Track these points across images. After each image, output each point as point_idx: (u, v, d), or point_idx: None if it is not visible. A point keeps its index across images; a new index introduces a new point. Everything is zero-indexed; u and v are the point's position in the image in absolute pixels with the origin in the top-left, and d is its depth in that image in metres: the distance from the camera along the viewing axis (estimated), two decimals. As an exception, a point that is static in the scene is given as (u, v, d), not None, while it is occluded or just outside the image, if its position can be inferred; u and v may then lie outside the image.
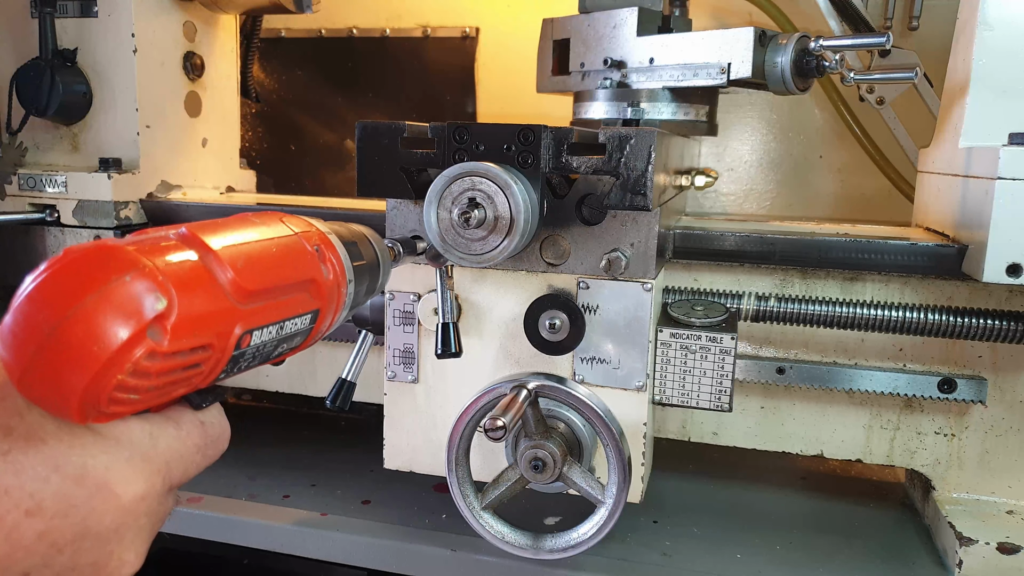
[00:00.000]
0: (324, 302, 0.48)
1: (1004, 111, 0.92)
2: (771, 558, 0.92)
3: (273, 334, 0.44)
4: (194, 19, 1.26)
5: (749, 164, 1.53)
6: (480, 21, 1.61)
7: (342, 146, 1.73)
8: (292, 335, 0.46)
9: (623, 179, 0.74)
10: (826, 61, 1.01)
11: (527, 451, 0.79)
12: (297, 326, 0.46)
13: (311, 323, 0.48)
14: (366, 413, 1.30)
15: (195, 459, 0.44)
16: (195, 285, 0.38)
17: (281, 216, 0.49)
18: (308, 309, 0.47)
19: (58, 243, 1.15)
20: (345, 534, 0.95)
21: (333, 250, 0.50)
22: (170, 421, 0.42)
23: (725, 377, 0.84)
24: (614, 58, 1.11)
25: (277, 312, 0.44)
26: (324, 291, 0.48)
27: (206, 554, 1.25)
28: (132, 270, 0.35)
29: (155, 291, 0.35)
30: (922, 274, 0.92)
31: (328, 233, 0.51)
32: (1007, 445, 0.95)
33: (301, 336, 0.47)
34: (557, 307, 0.81)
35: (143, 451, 0.39)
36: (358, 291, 0.54)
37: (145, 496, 0.39)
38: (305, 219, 0.51)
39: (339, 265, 0.50)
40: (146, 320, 0.35)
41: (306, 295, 0.46)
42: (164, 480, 0.40)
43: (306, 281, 0.47)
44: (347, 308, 0.53)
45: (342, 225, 0.57)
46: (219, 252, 0.40)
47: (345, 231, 0.55)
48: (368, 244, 0.58)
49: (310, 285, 0.47)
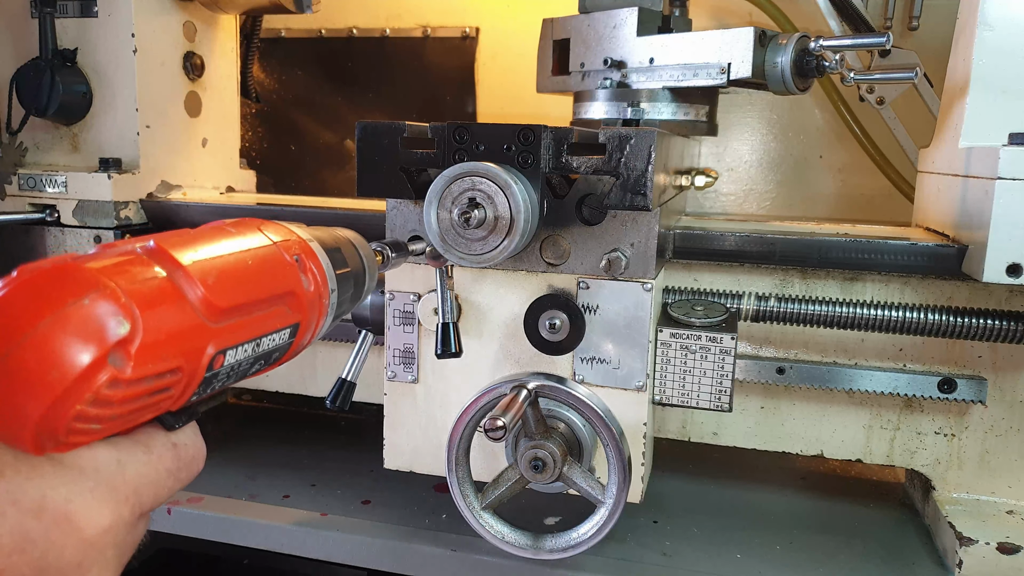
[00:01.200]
0: (305, 314, 0.46)
1: (1004, 111, 0.92)
2: (771, 558, 0.92)
3: (249, 352, 0.41)
4: (194, 19, 1.26)
5: (749, 164, 1.53)
6: (480, 21, 1.61)
7: (342, 146, 1.73)
8: (270, 351, 0.44)
9: (623, 179, 0.74)
10: (826, 61, 1.01)
11: (527, 451, 0.79)
12: (275, 341, 0.44)
13: (291, 337, 0.45)
14: (366, 413, 1.30)
15: (167, 483, 0.41)
16: (162, 305, 0.35)
17: (259, 224, 0.46)
18: (287, 323, 0.44)
19: (58, 243, 1.15)
20: (345, 534, 0.95)
21: (315, 259, 0.48)
22: (140, 445, 0.39)
23: (725, 377, 0.84)
24: (614, 58, 1.11)
25: (253, 329, 0.41)
26: (304, 303, 0.46)
27: (206, 554, 1.25)
28: (92, 291, 0.33)
29: (117, 314, 0.33)
30: (922, 274, 0.92)
31: (310, 241, 0.49)
32: (1007, 445, 0.95)
33: (280, 351, 0.45)
34: (557, 307, 0.81)
35: (109, 479, 0.37)
36: (342, 299, 0.52)
37: (111, 528, 0.36)
38: (285, 226, 0.49)
39: (321, 275, 0.48)
40: (107, 345, 0.32)
41: (285, 308, 0.44)
42: (133, 509, 0.38)
43: (285, 294, 0.44)
44: (330, 317, 0.51)
45: (325, 230, 0.55)
46: (189, 267, 0.37)
47: (328, 237, 0.53)
48: (353, 250, 0.56)
49: (289, 298, 0.44)
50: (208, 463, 0.45)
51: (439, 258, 0.76)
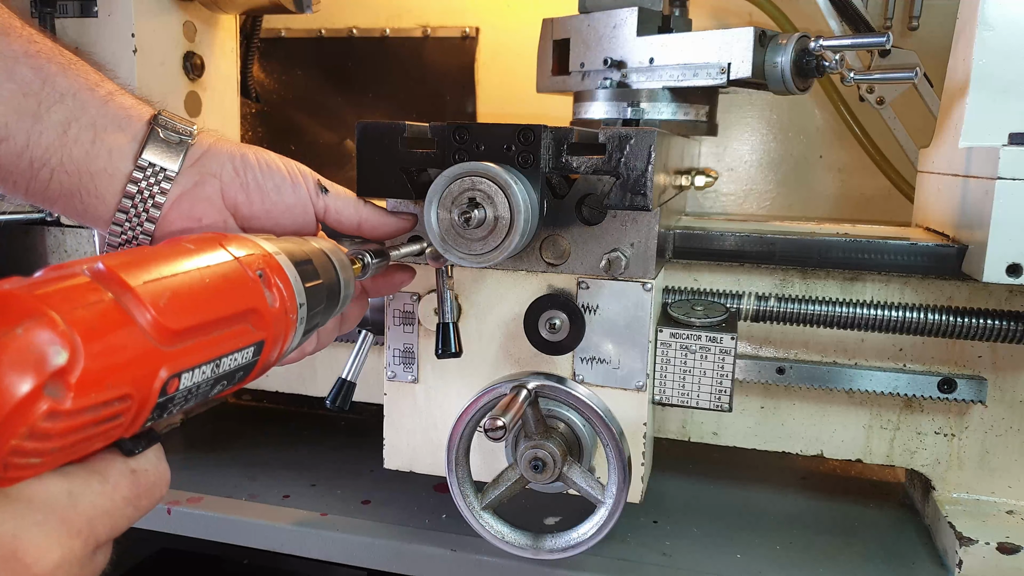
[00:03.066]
0: (270, 331, 0.45)
1: (1004, 111, 0.92)
2: (771, 558, 0.92)
3: (208, 373, 0.40)
4: (194, 19, 1.27)
5: (749, 164, 1.53)
6: (480, 21, 1.61)
7: (342, 146, 1.73)
8: (232, 371, 0.42)
9: (623, 179, 0.74)
10: (826, 61, 1.01)
11: (527, 451, 0.79)
12: (238, 361, 0.42)
13: (255, 355, 0.44)
14: (366, 413, 1.30)
15: (125, 512, 0.39)
16: (107, 331, 0.33)
17: (222, 239, 0.45)
18: (250, 341, 0.43)
19: (58, 243, 1.15)
20: (345, 534, 0.95)
21: (280, 273, 0.47)
22: (94, 473, 0.37)
23: (725, 377, 0.84)
24: (614, 58, 1.11)
25: (211, 349, 0.40)
26: (269, 320, 0.44)
27: (206, 554, 1.25)
28: (27, 319, 0.31)
29: (54, 342, 0.31)
30: (922, 274, 0.92)
31: (276, 254, 0.48)
32: (1007, 445, 0.95)
33: (244, 370, 0.44)
34: (557, 307, 0.81)
35: (59, 512, 0.35)
36: (313, 312, 0.51)
37: (61, 563, 0.35)
38: (251, 240, 0.47)
39: (287, 289, 0.47)
40: (43, 376, 0.31)
41: (247, 326, 0.43)
42: (86, 542, 0.36)
43: (246, 311, 0.43)
44: (300, 333, 0.49)
45: (296, 241, 0.53)
46: (138, 290, 0.36)
47: (298, 249, 0.52)
48: (326, 260, 0.54)
49: (251, 315, 0.43)
50: (208, 463, 0.45)
51: (439, 258, 0.76)
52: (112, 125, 0.59)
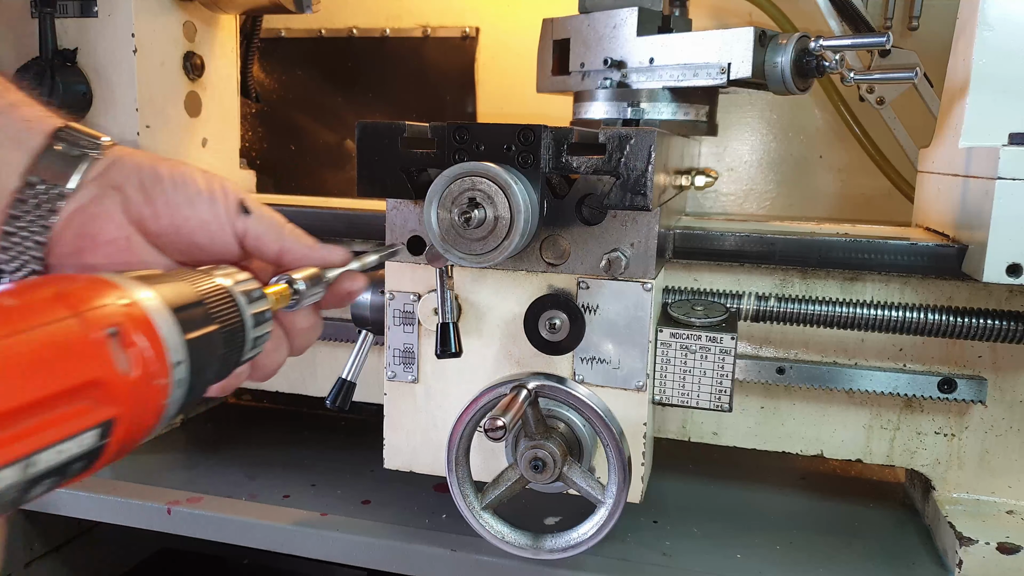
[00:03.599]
0: (124, 405, 0.36)
1: (1004, 111, 0.92)
2: (771, 558, 0.92)
3: (18, 475, 0.31)
4: (194, 19, 1.26)
5: (749, 164, 1.53)
6: (480, 21, 1.61)
7: (342, 146, 1.73)
8: (64, 463, 0.34)
9: (623, 179, 0.74)
10: (826, 61, 1.01)
11: (527, 451, 0.79)
12: (72, 450, 0.34)
13: (102, 438, 0.35)
14: (366, 413, 1.30)
15: None
16: None
17: (63, 289, 0.35)
18: (92, 423, 0.34)
19: (58, 243, 1.15)
20: (345, 534, 0.95)
21: (146, 327, 0.37)
22: None
23: (725, 377, 0.84)
24: (614, 58, 1.11)
25: (23, 444, 0.31)
26: (121, 391, 0.36)
27: (206, 554, 1.25)
28: None
29: None
30: (922, 274, 0.92)
31: (144, 300, 0.38)
32: (1007, 445, 0.95)
33: (85, 459, 0.35)
34: (557, 307, 0.81)
35: None
36: (202, 365, 0.41)
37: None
38: (112, 281, 0.38)
39: (155, 347, 0.37)
40: None
41: (88, 403, 0.34)
42: None
43: (84, 384, 0.34)
44: (180, 399, 0.40)
45: (191, 278, 0.44)
46: None
47: (187, 289, 0.42)
48: (225, 299, 0.45)
49: (93, 388, 0.34)
50: (208, 463, 0.45)
51: (439, 258, 0.76)
52: (9, 139, 0.53)
